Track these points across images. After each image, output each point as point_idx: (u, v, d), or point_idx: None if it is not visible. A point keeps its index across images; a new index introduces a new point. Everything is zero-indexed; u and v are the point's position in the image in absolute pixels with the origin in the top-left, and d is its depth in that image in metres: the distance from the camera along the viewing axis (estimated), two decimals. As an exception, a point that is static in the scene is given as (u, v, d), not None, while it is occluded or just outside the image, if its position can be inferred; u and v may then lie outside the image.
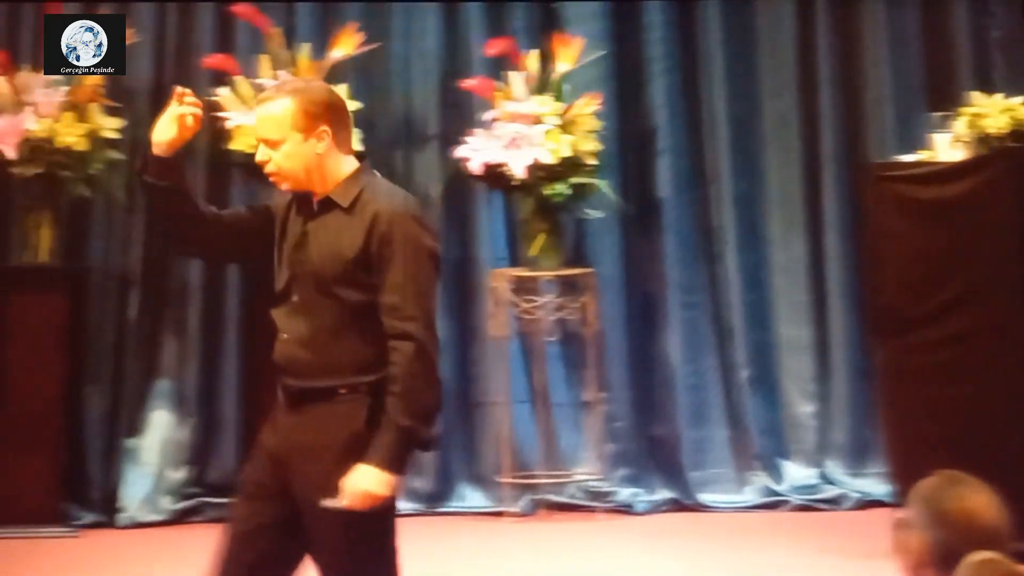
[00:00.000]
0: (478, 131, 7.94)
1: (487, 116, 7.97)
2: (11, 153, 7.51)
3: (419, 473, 7.96)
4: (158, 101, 7.97)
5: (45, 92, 7.60)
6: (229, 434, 8.00)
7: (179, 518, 7.86)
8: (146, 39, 8.04)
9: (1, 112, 7.57)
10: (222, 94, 7.76)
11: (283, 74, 7.71)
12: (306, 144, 4.02)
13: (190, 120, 4.03)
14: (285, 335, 4.04)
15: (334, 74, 7.78)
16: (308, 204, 4.09)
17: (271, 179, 4.07)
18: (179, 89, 4.07)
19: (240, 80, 7.79)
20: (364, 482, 3.87)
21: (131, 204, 7.96)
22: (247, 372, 7.97)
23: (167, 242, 6.86)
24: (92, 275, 7.98)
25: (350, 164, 4.09)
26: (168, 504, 7.88)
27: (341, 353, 3.98)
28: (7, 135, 7.53)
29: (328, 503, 3.86)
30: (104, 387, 7.98)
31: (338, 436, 3.92)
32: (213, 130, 7.81)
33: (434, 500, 8.09)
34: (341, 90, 7.67)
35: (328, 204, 4.04)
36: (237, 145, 7.65)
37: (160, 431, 7.98)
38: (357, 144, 7.66)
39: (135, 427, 7.98)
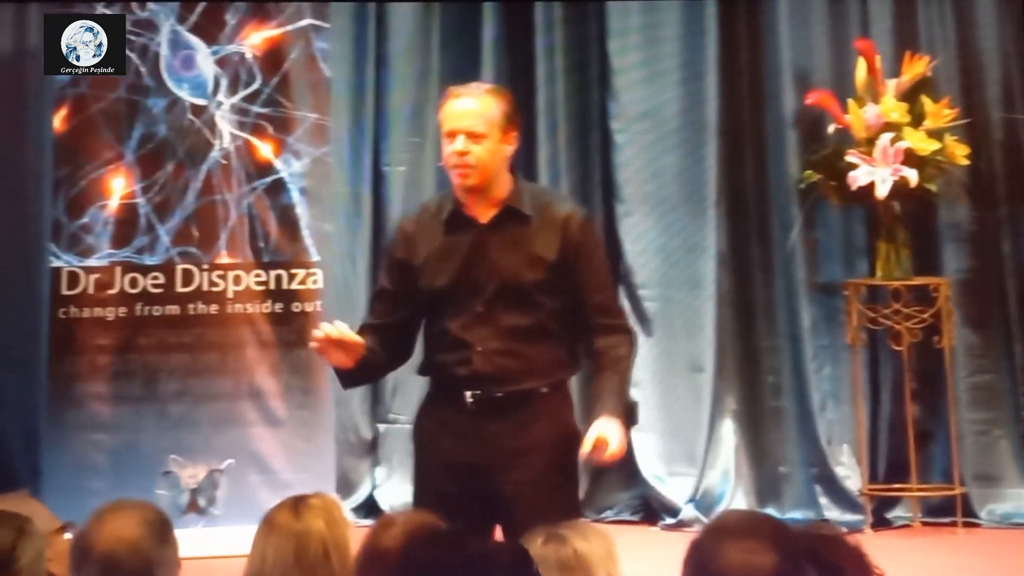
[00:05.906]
0: None
1: None
2: None
3: None
4: None
5: None
6: None
7: None
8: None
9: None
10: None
11: None
12: (501, 145, 4.19)
13: (342, 342, 4.14)
14: (480, 348, 4.16)
15: None
16: (460, 218, 4.20)
17: (461, 171, 4.17)
18: (312, 344, 4.17)
19: None
20: (618, 431, 4.05)
21: None
22: None
23: None
24: None
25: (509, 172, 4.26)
26: None
27: (539, 355, 4.15)
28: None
29: (586, 456, 4.05)
30: None
31: (546, 435, 4.11)
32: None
33: None
34: None
35: (508, 213, 4.18)
36: None
37: None
38: None
39: None
